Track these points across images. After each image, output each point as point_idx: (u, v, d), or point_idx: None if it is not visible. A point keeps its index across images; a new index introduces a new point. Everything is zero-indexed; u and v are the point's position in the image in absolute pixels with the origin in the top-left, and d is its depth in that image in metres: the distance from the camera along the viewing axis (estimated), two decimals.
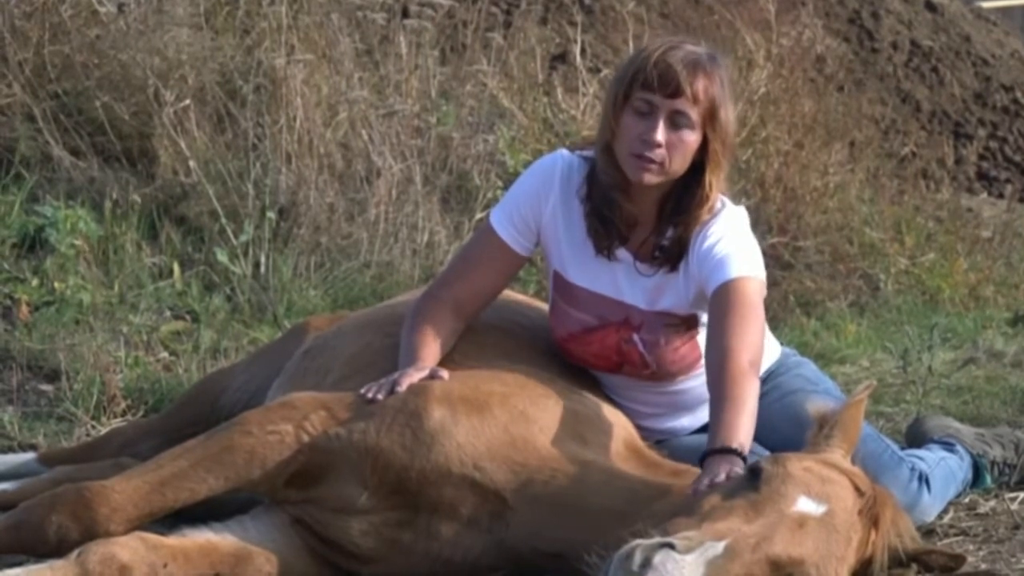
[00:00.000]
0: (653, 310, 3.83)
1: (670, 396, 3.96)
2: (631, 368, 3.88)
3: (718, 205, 3.80)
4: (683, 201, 3.75)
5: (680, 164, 3.71)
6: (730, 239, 3.73)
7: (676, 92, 3.66)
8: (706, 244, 3.73)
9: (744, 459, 3.34)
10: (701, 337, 3.86)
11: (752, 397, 3.49)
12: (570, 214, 3.86)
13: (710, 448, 3.38)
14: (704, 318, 3.81)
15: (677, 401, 3.97)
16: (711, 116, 3.69)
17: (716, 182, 3.74)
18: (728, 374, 3.50)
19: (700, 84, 3.67)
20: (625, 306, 3.84)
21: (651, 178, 3.70)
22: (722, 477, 3.22)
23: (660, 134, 3.65)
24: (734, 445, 3.35)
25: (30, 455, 4.39)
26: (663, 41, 3.76)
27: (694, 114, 3.67)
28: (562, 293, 3.91)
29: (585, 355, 3.91)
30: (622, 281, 3.84)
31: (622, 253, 3.84)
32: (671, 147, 3.67)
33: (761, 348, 3.65)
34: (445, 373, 3.55)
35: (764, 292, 3.74)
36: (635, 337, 3.84)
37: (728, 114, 3.73)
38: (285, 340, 4.37)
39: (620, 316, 3.85)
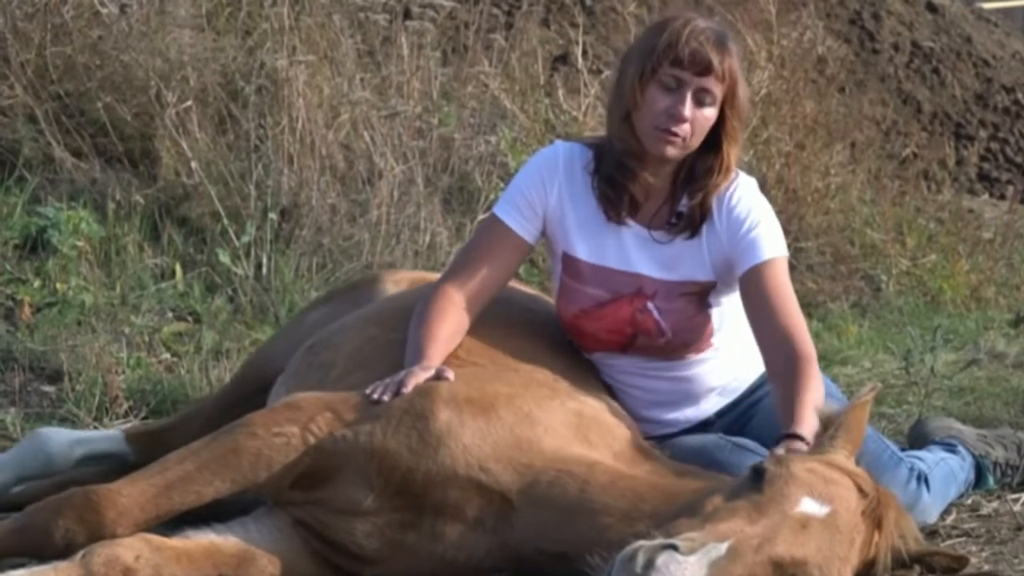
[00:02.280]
0: (669, 279, 3.88)
1: (677, 382, 3.96)
2: (645, 338, 3.90)
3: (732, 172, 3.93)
4: (696, 171, 3.86)
5: (699, 139, 3.83)
6: (757, 212, 3.86)
7: (707, 70, 3.77)
8: (734, 214, 3.85)
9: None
10: (714, 311, 3.92)
11: (820, 382, 3.61)
12: (575, 193, 3.92)
13: (790, 433, 3.45)
14: (722, 290, 3.90)
15: (684, 388, 3.98)
16: (732, 93, 3.82)
17: (735, 155, 3.87)
18: (800, 359, 3.62)
19: (726, 62, 3.79)
20: (637, 277, 3.89)
21: (673, 151, 3.80)
22: None
23: (688, 110, 3.76)
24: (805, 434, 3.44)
25: (117, 432, 4.32)
26: (681, 16, 3.85)
27: (718, 91, 3.79)
28: (572, 273, 3.94)
29: (597, 331, 3.93)
30: (633, 252, 3.89)
31: (633, 224, 3.90)
32: (694, 123, 3.79)
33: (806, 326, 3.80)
34: (451, 373, 3.55)
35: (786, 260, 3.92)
36: (649, 305, 3.89)
37: (744, 89, 3.87)
38: (353, 289, 4.36)
39: (632, 288, 3.89)
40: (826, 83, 8.96)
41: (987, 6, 12.66)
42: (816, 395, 3.56)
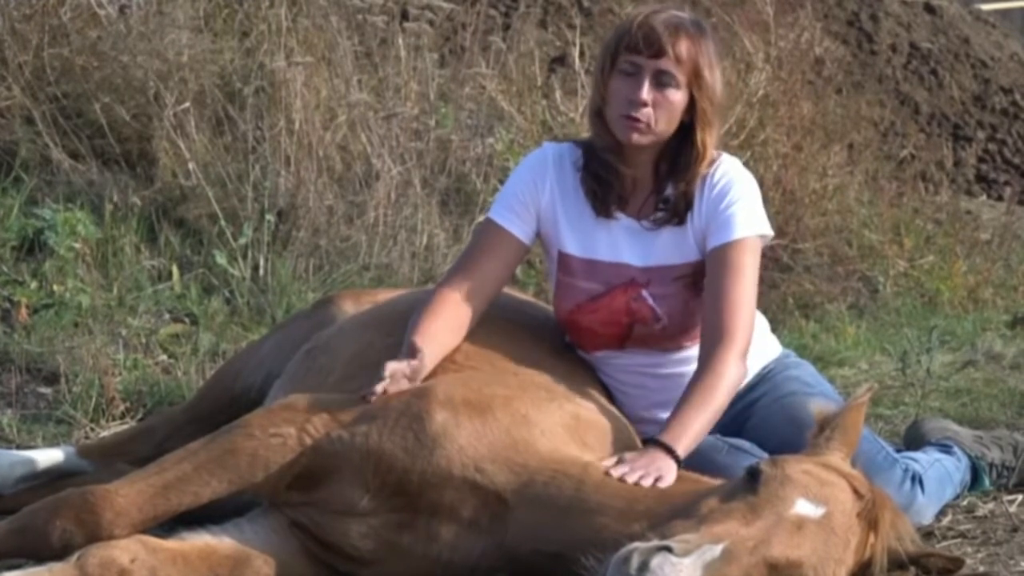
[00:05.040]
0: (660, 265, 3.93)
1: (675, 380, 3.96)
2: (642, 326, 3.94)
3: (714, 155, 3.95)
4: (678, 161, 3.90)
5: (666, 123, 3.85)
6: (736, 190, 3.90)
7: (659, 52, 3.81)
8: (715, 192, 3.90)
9: (679, 464, 3.52)
10: None
11: (725, 395, 3.71)
12: (565, 191, 3.97)
13: (659, 437, 3.58)
14: None
15: (682, 386, 3.99)
16: (696, 75, 3.84)
17: (709, 140, 3.89)
18: (715, 363, 3.72)
19: (683, 45, 3.82)
20: (629, 268, 3.94)
21: (639, 138, 3.85)
22: (634, 478, 3.39)
23: (645, 92, 3.80)
24: (678, 450, 3.54)
25: (69, 448, 4.35)
26: (647, 7, 3.93)
27: (678, 73, 3.82)
28: (566, 270, 3.98)
29: (593, 324, 3.97)
30: (623, 244, 3.94)
31: (622, 216, 3.95)
32: (656, 106, 3.82)
33: (754, 318, 3.84)
34: (424, 357, 3.57)
35: (767, 238, 3.95)
36: (644, 293, 3.94)
37: (714, 74, 3.88)
38: (308, 316, 4.38)
39: (625, 278, 3.94)
40: (824, 84, 8.96)
41: (985, 7, 12.66)
42: (712, 405, 3.67)
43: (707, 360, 3.75)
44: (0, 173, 6.42)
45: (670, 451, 3.53)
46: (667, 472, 3.47)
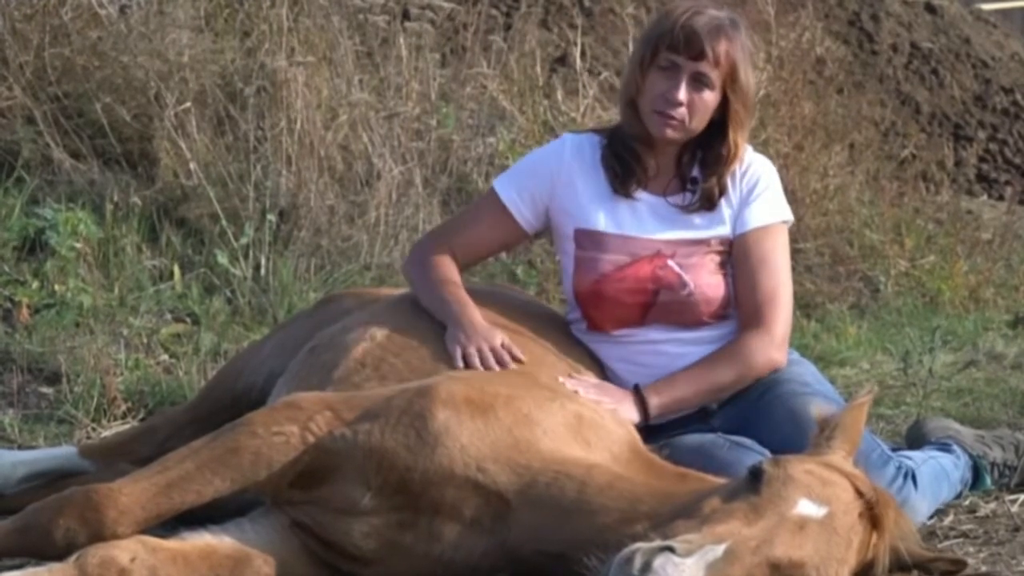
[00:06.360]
0: (690, 238, 4.03)
1: (689, 359, 4.00)
2: (668, 292, 4.01)
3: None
4: (705, 154, 4.03)
5: (699, 122, 3.98)
6: (765, 179, 4.06)
7: (700, 55, 3.93)
8: (744, 181, 4.05)
9: (645, 417, 3.77)
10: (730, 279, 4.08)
11: (733, 374, 3.93)
12: (586, 171, 4.08)
13: (644, 385, 3.83)
14: None
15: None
16: (731, 78, 3.98)
17: (741, 139, 4.04)
18: (739, 344, 3.95)
19: (722, 47, 3.94)
20: (654, 242, 4.03)
21: (672, 134, 3.98)
22: (587, 393, 3.70)
23: (682, 93, 3.93)
24: (651, 402, 3.80)
25: (71, 448, 4.36)
26: (688, 5, 4.02)
27: (715, 76, 3.95)
28: (587, 245, 4.06)
29: (619, 292, 4.03)
30: (648, 219, 4.05)
31: (643, 195, 4.06)
32: (691, 106, 3.95)
33: (790, 302, 4.04)
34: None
35: (790, 223, 4.12)
36: (670, 262, 4.03)
37: (748, 76, 4.02)
38: (310, 315, 4.40)
39: (651, 250, 4.03)
40: (825, 84, 8.97)
41: (986, 7, 12.65)
42: (710, 383, 3.89)
43: (735, 340, 3.95)
44: (1, 173, 6.42)
45: (643, 402, 3.77)
46: (624, 414, 3.70)
